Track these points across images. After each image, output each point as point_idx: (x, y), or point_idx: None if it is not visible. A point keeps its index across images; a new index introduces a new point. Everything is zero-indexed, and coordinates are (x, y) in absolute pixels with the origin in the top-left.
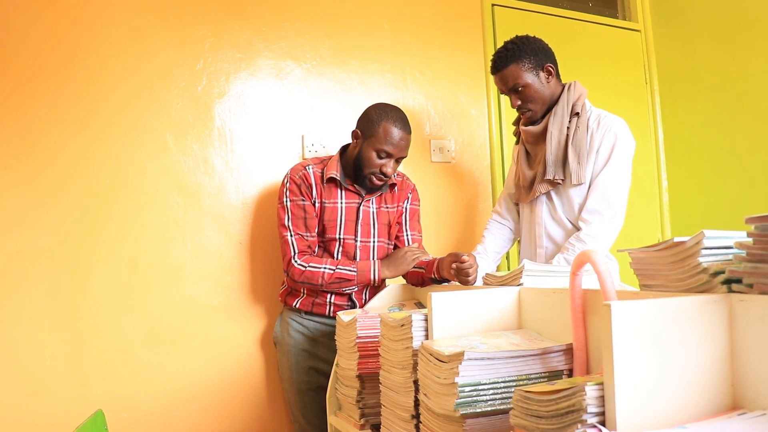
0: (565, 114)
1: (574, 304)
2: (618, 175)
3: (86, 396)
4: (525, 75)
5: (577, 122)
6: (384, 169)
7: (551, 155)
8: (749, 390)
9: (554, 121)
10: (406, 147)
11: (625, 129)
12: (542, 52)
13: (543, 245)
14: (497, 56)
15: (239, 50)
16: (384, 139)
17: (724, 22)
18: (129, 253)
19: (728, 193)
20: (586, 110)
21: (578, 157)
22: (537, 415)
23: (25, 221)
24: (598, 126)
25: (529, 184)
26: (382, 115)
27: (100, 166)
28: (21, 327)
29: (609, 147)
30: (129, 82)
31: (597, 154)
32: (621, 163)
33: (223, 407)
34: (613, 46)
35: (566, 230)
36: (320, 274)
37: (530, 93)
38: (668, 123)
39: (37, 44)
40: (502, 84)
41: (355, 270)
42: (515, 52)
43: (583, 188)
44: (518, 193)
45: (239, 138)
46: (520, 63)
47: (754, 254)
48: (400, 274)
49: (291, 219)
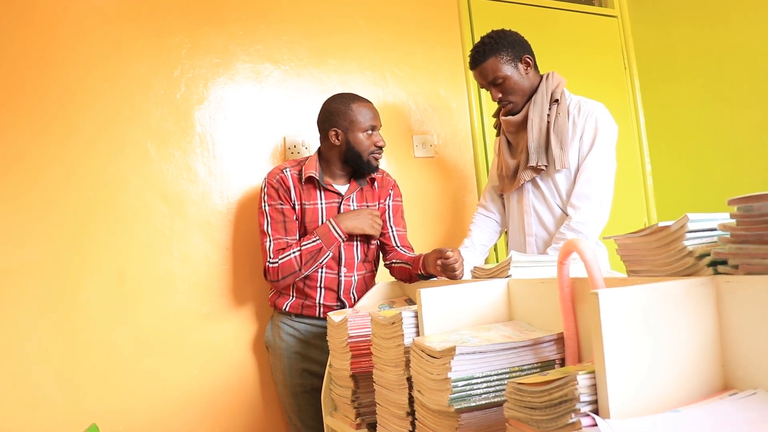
0: (544, 101)
1: (562, 293)
2: (603, 159)
3: (81, 409)
4: (504, 68)
5: (557, 109)
6: (378, 143)
7: (533, 142)
8: (739, 370)
9: (534, 109)
10: (378, 115)
11: (606, 113)
12: (519, 44)
13: (533, 233)
14: (475, 51)
15: (216, 55)
16: (365, 118)
17: (698, 2)
18: (117, 264)
19: (712, 173)
20: (565, 97)
21: (561, 142)
22: (531, 407)
23: (12, 238)
24: (579, 112)
25: (513, 173)
26: (345, 101)
27: (84, 179)
28: (13, 343)
29: (592, 132)
30: (108, 94)
31: (581, 141)
32: (605, 148)
33: (219, 414)
34: (590, 34)
35: (555, 216)
36: (292, 261)
37: (510, 85)
38: (649, 107)
39: (14, 63)
40: (481, 78)
41: (318, 238)
42: (492, 46)
43: (568, 173)
44: (502, 184)
45: (221, 143)
46: (498, 56)
47: (738, 235)
48: (361, 229)
49: (270, 224)
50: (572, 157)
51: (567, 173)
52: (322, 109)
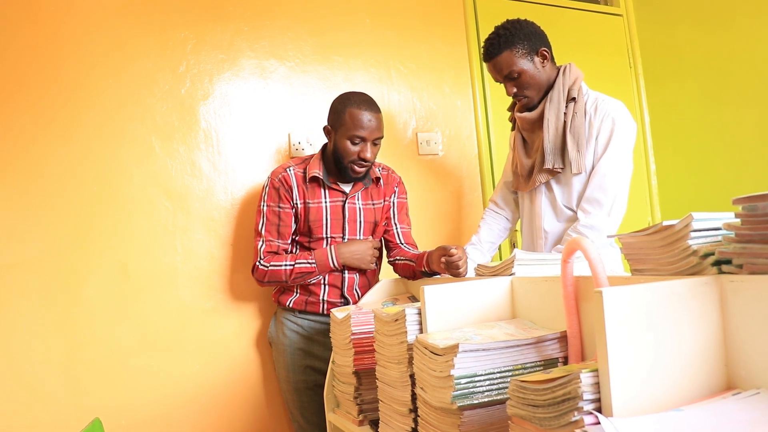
0: (561, 99)
1: (566, 291)
2: (617, 162)
3: (83, 404)
4: (519, 61)
5: (574, 108)
6: (362, 154)
7: (549, 143)
8: (743, 369)
9: (551, 108)
10: (377, 127)
11: (624, 112)
12: (536, 35)
13: (542, 236)
14: (489, 43)
15: (222, 51)
16: (353, 125)
17: (704, 2)
18: (120, 259)
19: (717, 172)
20: (582, 94)
21: (577, 144)
22: (533, 404)
23: (15, 234)
24: (595, 112)
25: (528, 173)
26: (346, 103)
27: (87, 175)
28: (16, 339)
29: (607, 133)
30: (112, 89)
31: (596, 142)
32: (620, 150)
33: (221, 409)
34: (595, 32)
35: (567, 219)
36: (282, 272)
37: (526, 79)
38: (654, 106)
39: (18, 59)
40: (495, 72)
41: (314, 262)
42: (508, 38)
43: (584, 176)
44: (516, 182)
45: (225, 139)
46: (513, 49)
47: (742, 234)
48: (357, 265)
49: (264, 225)
50: (588, 159)
51: (583, 176)
52: (331, 102)
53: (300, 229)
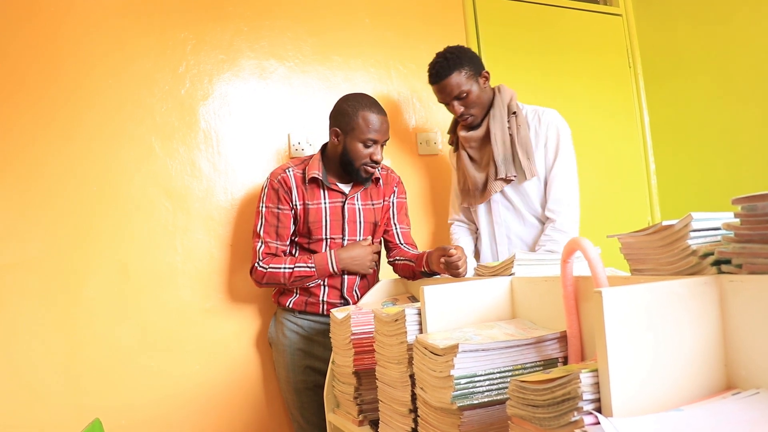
0: (503, 114)
1: (566, 291)
2: (568, 164)
3: (83, 404)
4: (467, 82)
5: (516, 121)
6: (374, 157)
7: (499, 155)
8: (742, 369)
9: (495, 123)
10: (387, 130)
11: (562, 119)
12: (477, 59)
13: (505, 242)
14: (439, 66)
15: (221, 51)
16: (366, 129)
17: (703, 1)
18: (120, 259)
19: (716, 172)
20: (520, 108)
21: (526, 153)
22: (533, 405)
23: (15, 234)
24: (539, 122)
25: (482, 185)
26: (357, 106)
27: (87, 175)
28: (16, 339)
29: (555, 140)
30: (112, 89)
31: (545, 148)
32: (567, 152)
33: (221, 410)
34: (595, 32)
35: (527, 223)
36: (281, 274)
37: (473, 99)
38: (653, 105)
39: (18, 58)
40: (444, 94)
41: (313, 266)
42: (455, 62)
43: (536, 181)
44: (468, 198)
45: (225, 139)
46: (461, 71)
47: (741, 234)
48: (356, 272)
49: (263, 226)
50: (539, 164)
51: (536, 180)
52: (336, 104)
53: (299, 230)
